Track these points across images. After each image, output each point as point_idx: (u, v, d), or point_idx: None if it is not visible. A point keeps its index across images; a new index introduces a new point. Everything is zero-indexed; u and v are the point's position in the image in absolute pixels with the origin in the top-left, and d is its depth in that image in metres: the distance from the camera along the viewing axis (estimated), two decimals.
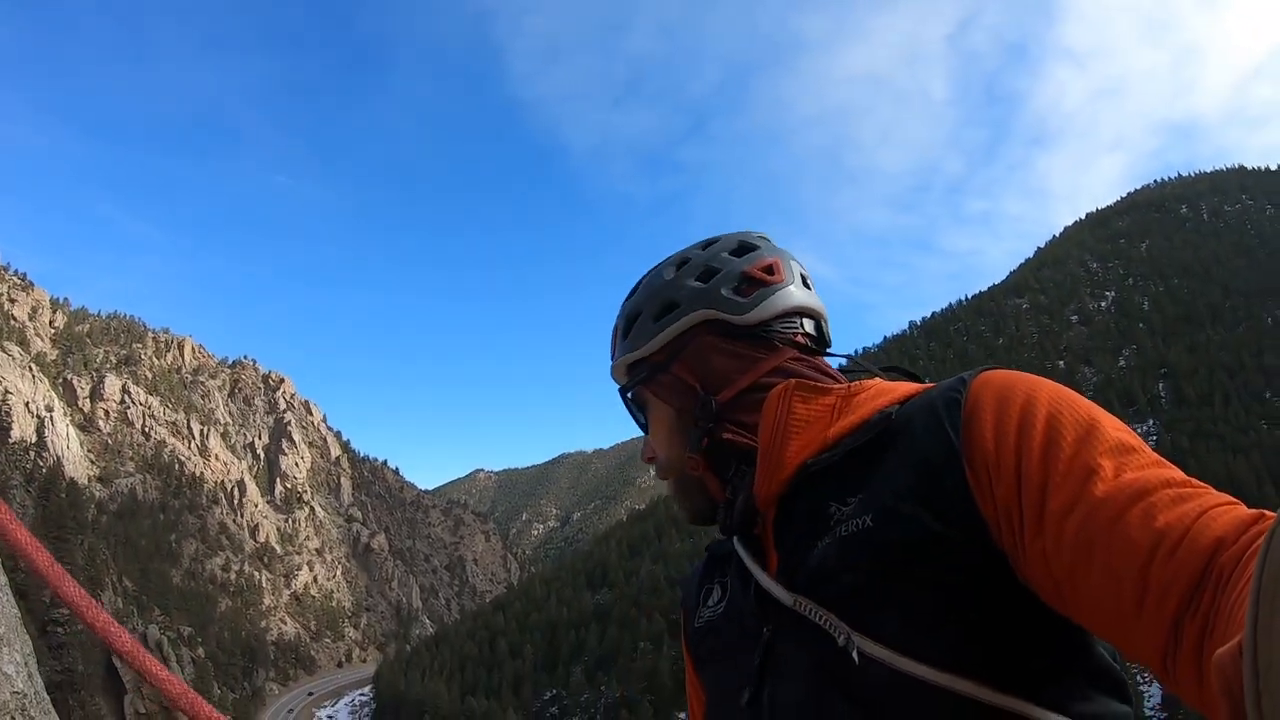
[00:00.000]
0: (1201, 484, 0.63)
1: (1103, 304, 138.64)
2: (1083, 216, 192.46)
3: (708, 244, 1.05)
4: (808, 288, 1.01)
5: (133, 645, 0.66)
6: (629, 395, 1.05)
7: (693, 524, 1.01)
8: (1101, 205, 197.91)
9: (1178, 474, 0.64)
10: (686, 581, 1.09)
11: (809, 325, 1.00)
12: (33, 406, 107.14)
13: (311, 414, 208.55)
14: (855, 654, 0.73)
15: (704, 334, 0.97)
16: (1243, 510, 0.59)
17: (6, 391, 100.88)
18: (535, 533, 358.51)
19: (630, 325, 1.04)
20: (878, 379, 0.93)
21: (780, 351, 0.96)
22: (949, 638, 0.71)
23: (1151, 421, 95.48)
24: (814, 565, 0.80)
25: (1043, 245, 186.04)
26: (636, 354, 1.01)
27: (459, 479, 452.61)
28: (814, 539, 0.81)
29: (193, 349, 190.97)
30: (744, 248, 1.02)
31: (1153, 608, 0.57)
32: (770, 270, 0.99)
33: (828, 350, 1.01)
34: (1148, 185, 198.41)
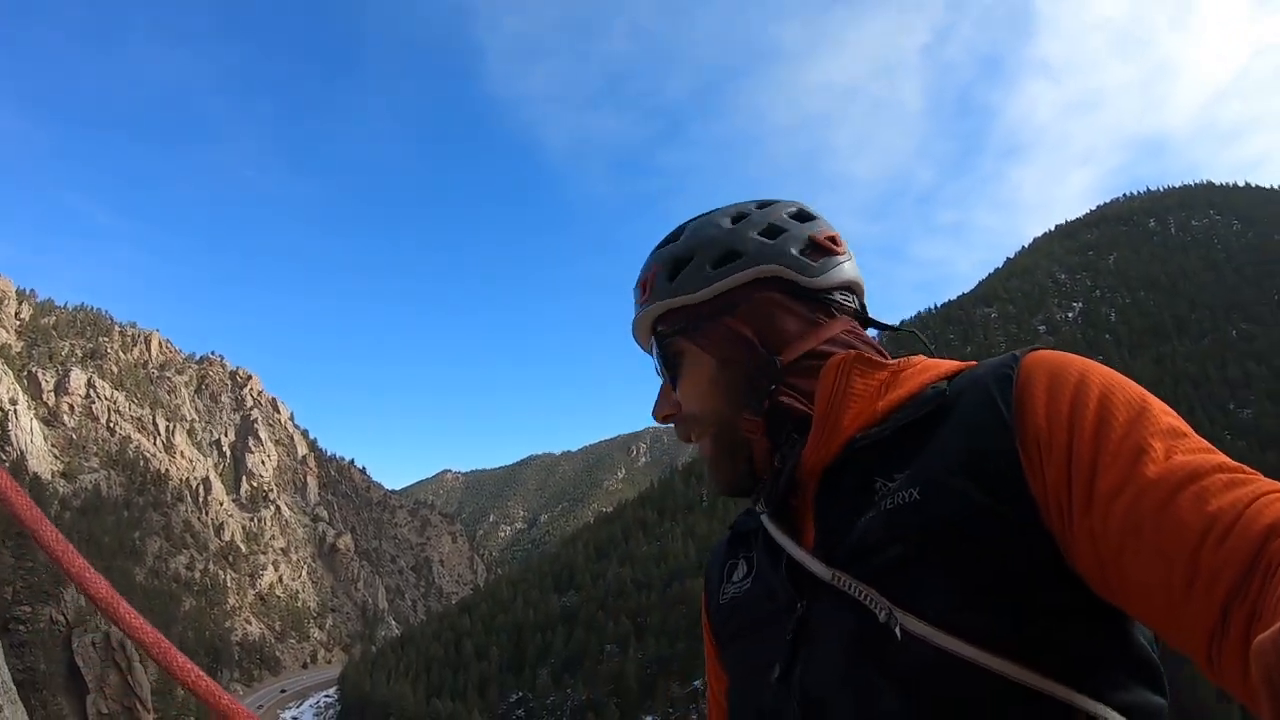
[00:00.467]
0: (1252, 471, 0.62)
1: (1070, 314, 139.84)
2: (1052, 228, 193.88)
3: (762, 204, 1.02)
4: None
5: (109, 593, 0.65)
6: (664, 343, 0.99)
7: (725, 493, 0.97)
8: (1071, 218, 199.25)
9: (1228, 460, 0.64)
10: (710, 559, 1.07)
11: (857, 301, 1.00)
12: None
13: (279, 412, 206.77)
14: (898, 630, 0.71)
15: (769, 290, 0.95)
16: None
17: None
18: (502, 534, 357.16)
19: (679, 269, 0.98)
20: (921, 356, 0.92)
21: (838, 320, 0.95)
22: (993, 617, 0.70)
23: None
24: (856, 539, 0.79)
25: (1012, 256, 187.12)
26: (684, 299, 0.96)
27: (426, 479, 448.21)
28: (856, 513, 0.80)
29: (160, 344, 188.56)
30: (804, 215, 1.00)
31: (1202, 593, 0.56)
32: (834, 241, 0.98)
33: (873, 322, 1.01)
34: (1117, 199, 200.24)
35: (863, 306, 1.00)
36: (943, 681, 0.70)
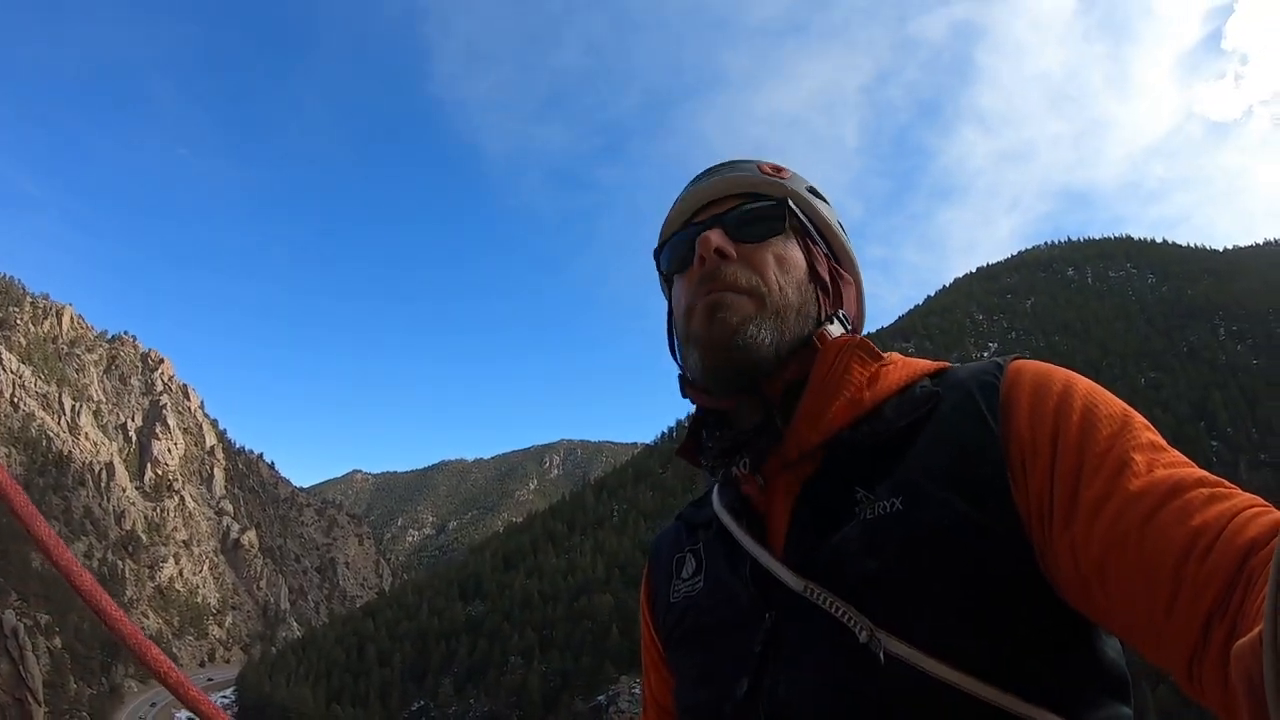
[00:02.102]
0: (1232, 485, 0.63)
1: (985, 354, 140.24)
2: (974, 270, 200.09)
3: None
4: None
5: (93, 585, 0.65)
6: (789, 203, 0.96)
7: (722, 362, 0.87)
8: (993, 261, 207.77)
9: (1209, 474, 0.64)
10: (656, 548, 1.04)
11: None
12: None
13: (189, 399, 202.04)
14: (881, 654, 0.70)
15: (850, 281, 1.01)
16: (1276, 513, 0.58)
17: None
18: (410, 539, 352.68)
19: (821, 197, 1.01)
20: (894, 352, 0.91)
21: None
22: (975, 639, 0.69)
23: None
24: (833, 550, 0.76)
25: (933, 294, 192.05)
26: (820, 205, 0.99)
27: (335, 479, 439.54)
28: (834, 521, 0.78)
29: (72, 318, 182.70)
30: (823, 196, 1.03)
31: (1184, 608, 0.56)
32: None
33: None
34: (1038, 246, 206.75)
35: None
36: (923, 706, 0.69)
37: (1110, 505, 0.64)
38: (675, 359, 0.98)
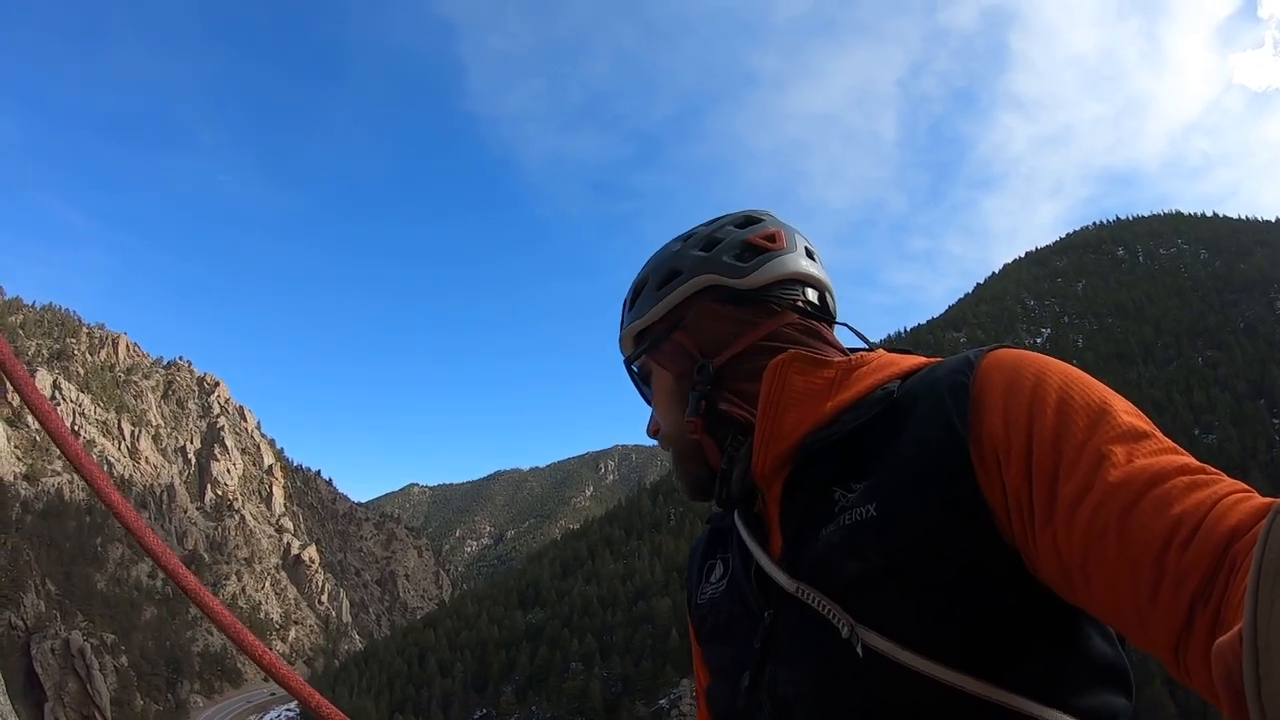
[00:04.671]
0: (1215, 470, 0.62)
1: (1039, 340, 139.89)
2: (1022, 255, 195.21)
3: (711, 221, 1.05)
4: (812, 259, 1.01)
5: (197, 586, 0.64)
6: (635, 367, 1.06)
7: (692, 498, 0.99)
8: (1040, 245, 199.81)
9: (1192, 460, 0.63)
10: (692, 555, 1.08)
11: (811, 294, 1.00)
12: None
13: (245, 420, 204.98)
14: (860, 647, 0.72)
15: (704, 300, 0.99)
16: (1257, 499, 0.58)
17: None
18: (468, 549, 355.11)
19: (636, 296, 1.05)
20: (881, 351, 0.92)
21: (780, 315, 0.96)
22: (955, 632, 0.70)
23: None
24: (818, 553, 0.79)
25: (982, 281, 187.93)
26: (641, 322, 1.03)
27: (393, 492, 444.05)
28: (819, 525, 0.80)
29: (127, 346, 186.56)
30: (749, 220, 1.03)
31: (1168, 596, 0.56)
32: (771, 239, 1.00)
33: (834, 321, 1.00)
34: (1086, 227, 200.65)
35: (822, 299, 1.01)
36: (905, 698, 0.71)
37: (1090, 499, 0.63)
38: None
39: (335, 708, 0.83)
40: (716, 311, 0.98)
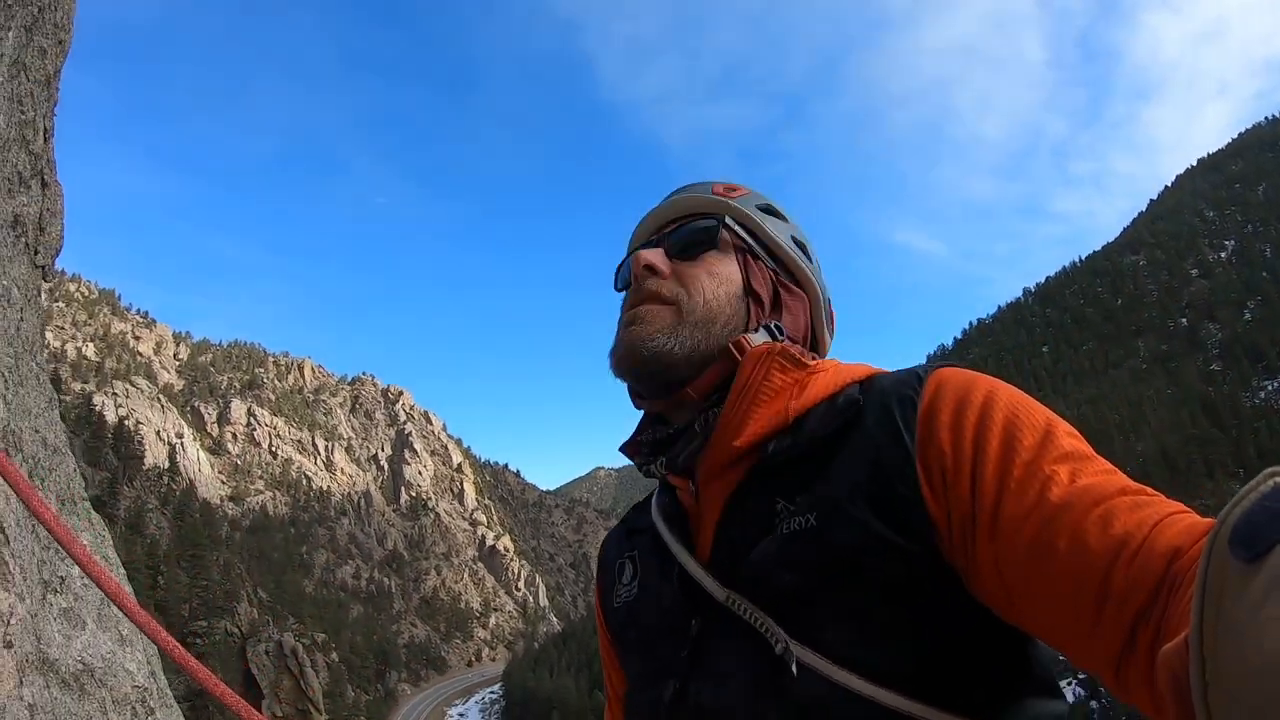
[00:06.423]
0: (1154, 491, 0.63)
1: (1223, 254, 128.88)
2: (1194, 164, 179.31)
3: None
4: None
5: (146, 619, 0.65)
6: (714, 221, 0.97)
7: (633, 382, 0.92)
8: (1212, 150, 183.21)
9: (1131, 482, 0.64)
10: (604, 550, 1.05)
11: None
12: (163, 434, 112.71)
13: (431, 423, 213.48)
14: (794, 665, 0.70)
15: (813, 308, 1.00)
16: (1195, 518, 0.59)
17: (138, 422, 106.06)
18: None
19: (773, 214, 1.02)
20: (832, 358, 0.92)
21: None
22: (891, 651, 0.69)
23: None
24: (754, 562, 0.77)
25: (1155, 197, 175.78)
26: (772, 223, 1.00)
27: (579, 478, 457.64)
28: (756, 533, 0.78)
29: (312, 369, 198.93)
30: (778, 212, 1.04)
31: (1111, 614, 0.56)
32: (806, 250, 1.02)
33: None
34: (1259, 124, 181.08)
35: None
36: (839, 716, 0.69)
37: (1034, 517, 0.63)
38: None
39: (238, 696, 0.81)
40: (819, 330, 1.00)
